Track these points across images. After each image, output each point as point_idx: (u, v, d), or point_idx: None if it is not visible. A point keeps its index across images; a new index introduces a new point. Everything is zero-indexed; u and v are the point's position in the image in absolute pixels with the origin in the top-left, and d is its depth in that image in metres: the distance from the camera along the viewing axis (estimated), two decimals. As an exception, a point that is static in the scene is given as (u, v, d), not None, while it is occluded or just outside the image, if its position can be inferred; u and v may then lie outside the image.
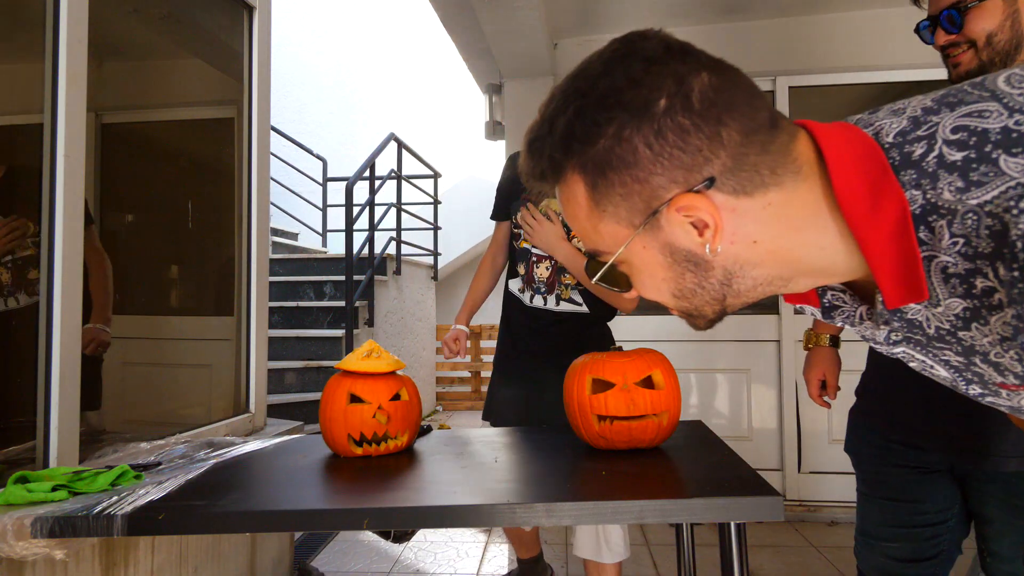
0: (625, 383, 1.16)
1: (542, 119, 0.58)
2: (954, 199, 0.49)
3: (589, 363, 1.22)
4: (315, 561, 2.66)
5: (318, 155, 6.56)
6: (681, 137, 0.52)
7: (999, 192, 0.47)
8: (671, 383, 1.19)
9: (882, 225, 0.52)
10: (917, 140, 0.52)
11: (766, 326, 3.19)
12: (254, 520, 0.93)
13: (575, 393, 1.21)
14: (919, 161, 0.51)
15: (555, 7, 3.04)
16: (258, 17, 2.25)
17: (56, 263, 1.40)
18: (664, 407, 1.16)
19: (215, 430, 1.96)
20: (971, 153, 0.49)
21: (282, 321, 4.59)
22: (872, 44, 3.11)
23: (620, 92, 0.53)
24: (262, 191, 2.26)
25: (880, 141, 0.54)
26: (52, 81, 1.41)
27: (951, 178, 0.49)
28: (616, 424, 1.15)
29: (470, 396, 6.68)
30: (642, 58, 0.54)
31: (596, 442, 1.20)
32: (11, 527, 0.94)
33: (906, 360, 0.68)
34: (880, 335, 0.65)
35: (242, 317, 2.20)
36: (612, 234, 0.58)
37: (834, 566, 2.53)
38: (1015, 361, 0.53)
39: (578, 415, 1.20)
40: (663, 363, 1.22)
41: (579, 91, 0.55)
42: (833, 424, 3.13)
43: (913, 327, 0.58)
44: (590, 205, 0.57)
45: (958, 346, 0.57)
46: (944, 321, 0.55)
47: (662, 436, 1.19)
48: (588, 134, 0.54)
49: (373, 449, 1.23)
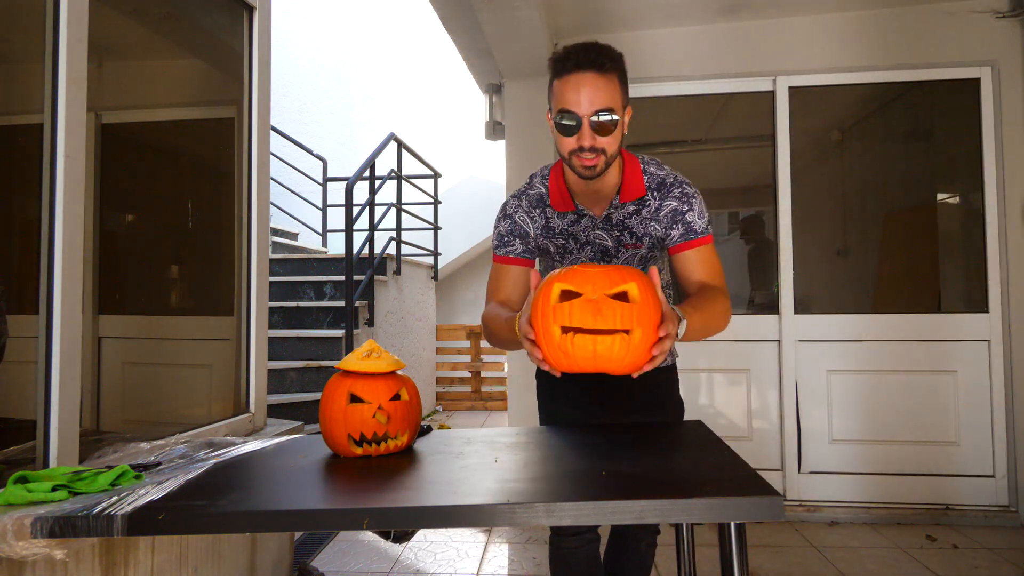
0: (595, 292, 1.05)
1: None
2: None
3: (560, 273, 1.12)
4: (315, 561, 2.66)
5: (318, 155, 6.56)
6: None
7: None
8: (649, 301, 1.07)
9: None
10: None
11: (766, 326, 3.20)
12: (254, 520, 0.93)
13: (539, 303, 1.09)
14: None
15: (555, 7, 3.04)
16: (258, 17, 2.25)
17: (56, 263, 1.40)
18: (636, 324, 1.04)
19: (215, 430, 1.96)
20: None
21: (282, 321, 4.59)
22: (872, 44, 3.12)
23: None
24: (262, 191, 2.26)
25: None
26: (52, 81, 1.41)
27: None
28: (579, 338, 1.04)
29: (470, 396, 6.68)
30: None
31: (557, 360, 1.09)
32: (11, 527, 0.94)
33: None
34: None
35: (242, 317, 2.20)
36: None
37: (834, 566, 2.53)
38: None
39: (540, 326, 1.08)
40: (643, 278, 1.10)
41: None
42: (833, 424, 3.13)
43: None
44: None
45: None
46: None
47: (633, 361, 1.07)
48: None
49: (373, 449, 1.23)
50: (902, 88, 3.24)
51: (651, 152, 3.56)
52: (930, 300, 3.22)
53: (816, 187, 3.39)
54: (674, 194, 1.47)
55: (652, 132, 3.59)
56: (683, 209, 1.46)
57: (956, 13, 3.06)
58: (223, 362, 2.19)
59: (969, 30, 3.05)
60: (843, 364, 3.14)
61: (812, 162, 3.34)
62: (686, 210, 1.46)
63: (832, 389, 3.14)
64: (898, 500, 3.06)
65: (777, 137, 3.20)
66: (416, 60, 8.51)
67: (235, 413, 2.14)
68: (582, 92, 1.30)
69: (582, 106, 1.30)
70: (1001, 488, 3.01)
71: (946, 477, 3.04)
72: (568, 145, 1.35)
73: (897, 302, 3.26)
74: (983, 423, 3.04)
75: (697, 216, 1.46)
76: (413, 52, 8.49)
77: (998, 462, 3.02)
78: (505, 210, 1.55)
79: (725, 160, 3.72)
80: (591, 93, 1.30)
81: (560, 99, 1.33)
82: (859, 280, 3.42)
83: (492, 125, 3.80)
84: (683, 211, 1.46)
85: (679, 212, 1.46)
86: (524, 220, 1.53)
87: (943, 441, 3.06)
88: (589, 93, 1.30)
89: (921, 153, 3.44)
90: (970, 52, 3.05)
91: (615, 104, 1.32)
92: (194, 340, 2.21)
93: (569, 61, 1.32)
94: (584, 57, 1.31)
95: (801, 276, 3.20)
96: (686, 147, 3.65)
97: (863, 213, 3.48)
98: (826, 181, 3.49)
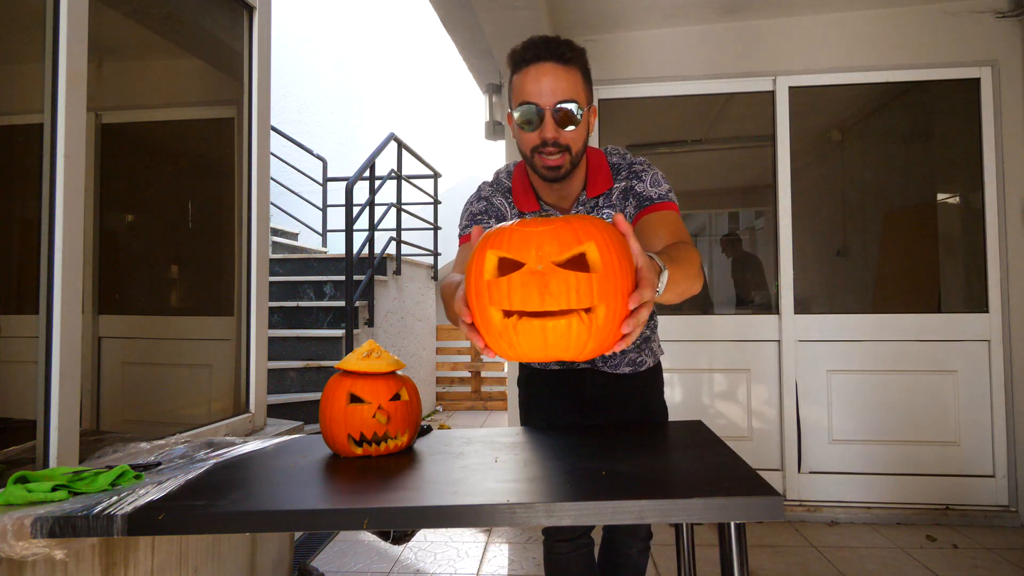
0: (540, 261, 0.80)
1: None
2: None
3: (492, 236, 0.86)
4: (315, 561, 2.66)
5: (318, 155, 6.56)
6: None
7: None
8: (613, 264, 0.81)
9: None
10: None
11: (766, 326, 3.20)
12: (254, 520, 0.93)
13: (472, 278, 0.85)
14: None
15: (555, 7, 3.04)
16: (258, 17, 2.25)
17: (56, 263, 1.40)
18: (598, 298, 0.80)
19: (215, 430, 1.96)
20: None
21: (282, 321, 4.59)
22: (872, 44, 3.12)
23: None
24: (262, 191, 2.26)
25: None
26: (52, 81, 1.41)
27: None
28: (524, 323, 0.80)
29: (470, 396, 6.68)
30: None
31: (501, 350, 0.85)
32: (11, 527, 0.94)
33: None
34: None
35: (242, 317, 2.20)
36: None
37: (834, 566, 2.53)
38: None
39: (476, 307, 0.84)
40: (605, 233, 0.84)
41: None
42: (833, 424, 3.13)
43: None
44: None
45: None
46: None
47: (599, 345, 0.84)
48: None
49: (373, 449, 1.23)
50: (902, 88, 3.24)
51: (651, 152, 3.57)
52: (930, 300, 3.22)
53: (816, 187, 3.39)
54: (622, 175, 1.41)
55: (652, 132, 3.59)
56: (632, 183, 1.38)
57: (956, 13, 3.06)
58: (223, 362, 2.19)
59: (969, 30, 3.05)
60: (843, 364, 3.14)
61: (812, 162, 3.34)
62: (635, 183, 1.38)
63: (832, 389, 3.14)
64: (898, 500, 3.06)
65: (777, 137, 3.20)
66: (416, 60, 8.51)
67: (235, 413, 2.14)
68: (543, 82, 1.23)
69: (543, 96, 1.23)
70: (1001, 488, 3.01)
71: (946, 477, 3.04)
72: (530, 141, 1.28)
73: (897, 302, 3.26)
74: (983, 423, 3.04)
75: (649, 184, 1.37)
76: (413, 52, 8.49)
77: (998, 462, 3.02)
78: (480, 193, 1.48)
79: (725, 160, 3.72)
80: (552, 83, 1.23)
81: (520, 92, 1.26)
82: (859, 280, 3.42)
83: (492, 125, 3.79)
84: (632, 185, 1.38)
85: (629, 188, 1.39)
86: (501, 204, 1.45)
87: (943, 441, 3.06)
88: (551, 83, 1.23)
89: (921, 153, 3.44)
90: (970, 52, 3.05)
91: (578, 97, 1.25)
92: (194, 340, 2.20)
93: (528, 52, 1.25)
94: (544, 48, 1.25)
95: (801, 276, 3.20)
96: (686, 147, 3.65)
97: (863, 213, 3.48)
98: (826, 181, 3.49)
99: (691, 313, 3.33)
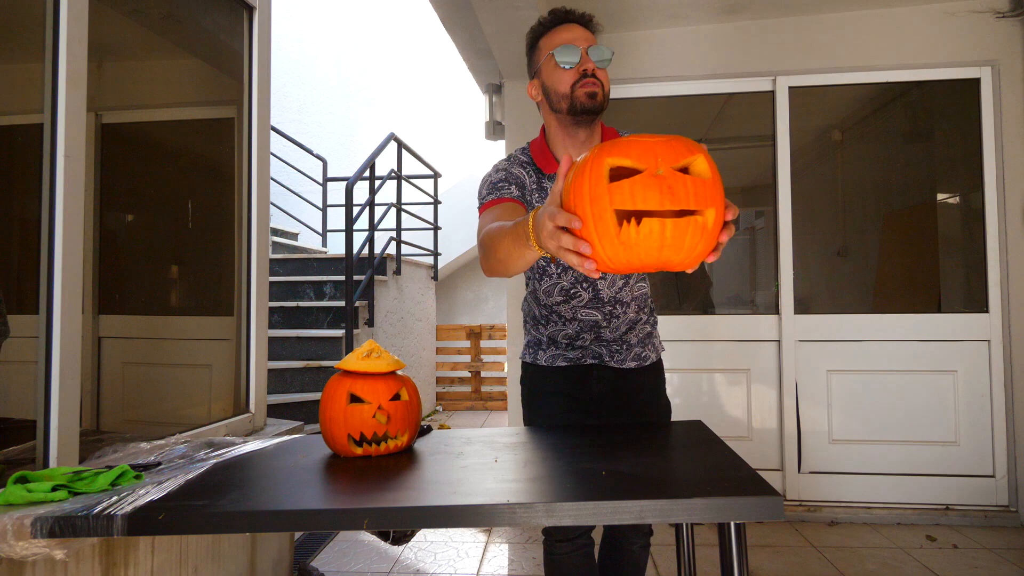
0: (660, 167, 0.85)
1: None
2: None
3: (606, 147, 0.88)
4: (315, 561, 2.66)
5: (318, 155, 6.56)
6: None
7: None
8: (718, 177, 0.88)
9: None
10: None
11: (766, 326, 3.20)
12: (254, 520, 0.93)
13: (585, 183, 0.86)
14: None
15: (555, 7, 3.03)
16: (258, 17, 2.25)
17: (56, 263, 1.40)
18: (710, 203, 0.85)
19: (215, 430, 1.96)
20: None
21: (282, 321, 4.59)
22: (872, 44, 3.12)
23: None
24: (262, 191, 2.26)
25: None
26: (52, 81, 1.41)
27: None
28: (645, 224, 0.82)
29: (470, 396, 6.68)
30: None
31: (612, 256, 0.86)
32: (11, 527, 0.94)
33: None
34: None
35: (242, 317, 2.20)
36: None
37: (834, 566, 2.53)
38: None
39: (590, 213, 0.85)
40: (704, 150, 0.91)
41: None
42: (833, 424, 3.13)
43: None
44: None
45: None
46: None
47: (704, 249, 0.87)
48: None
49: (373, 449, 1.23)
50: (902, 88, 3.24)
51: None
52: (930, 300, 3.22)
53: (816, 187, 3.39)
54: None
55: (652, 132, 3.58)
56: None
57: (956, 13, 3.06)
58: (223, 362, 2.19)
59: (969, 30, 3.05)
60: (843, 364, 3.14)
61: (812, 162, 3.34)
62: None
63: (832, 389, 3.14)
64: (898, 500, 3.06)
65: (777, 137, 3.20)
66: (416, 60, 8.50)
67: (235, 413, 2.14)
68: (576, 31, 1.42)
69: (578, 40, 1.41)
70: (1001, 488, 3.01)
71: (946, 477, 3.04)
72: (568, 79, 1.42)
73: (897, 302, 3.26)
74: (983, 423, 3.04)
75: None
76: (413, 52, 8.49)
77: (998, 462, 3.02)
78: (497, 167, 1.52)
79: (725, 160, 3.72)
80: (583, 33, 1.43)
81: (553, 42, 1.43)
82: (859, 280, 3.42)
83: (492, 125, 3.80)
84: None
85: None
86: (520, 173, 1.50)
87: (943, 441, 3.06)
88: (582, 33, 1.43)
89: (921, 153, 3.44)
90: (970, 52, 3.05)
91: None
92: (194, 340, 2.21)
93: (558, 16, 1.46)
94: (574, 13, 1.46)
95: (801, 276, 3.20)
96: (686, 147, 3.65)
97: (863, 213, 3.48)
98: (826, 181, 3.49)
99: (691, 313, 3.33)
